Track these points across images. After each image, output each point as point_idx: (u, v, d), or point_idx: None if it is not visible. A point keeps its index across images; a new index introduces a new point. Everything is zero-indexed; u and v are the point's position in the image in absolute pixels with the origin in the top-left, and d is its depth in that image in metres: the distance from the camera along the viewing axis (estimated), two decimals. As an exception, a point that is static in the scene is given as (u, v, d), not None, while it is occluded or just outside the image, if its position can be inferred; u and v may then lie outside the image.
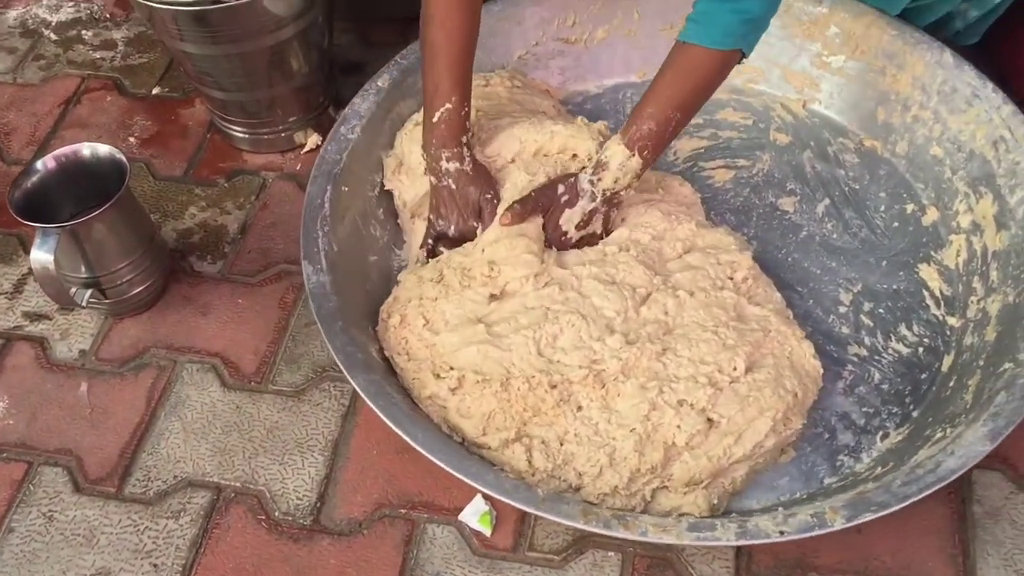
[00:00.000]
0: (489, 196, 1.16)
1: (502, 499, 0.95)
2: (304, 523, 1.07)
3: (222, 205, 1.38)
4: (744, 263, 1.16)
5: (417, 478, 1.09)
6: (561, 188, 1.15)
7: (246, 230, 1.34)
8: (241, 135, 1.43)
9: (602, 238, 1.19)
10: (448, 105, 1.14)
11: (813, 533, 0.91)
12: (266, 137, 1.43)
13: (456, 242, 1.18)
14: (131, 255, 1.18)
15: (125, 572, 1.04)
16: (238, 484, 1.10)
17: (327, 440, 1.13)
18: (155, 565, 1.04)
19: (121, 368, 1.20)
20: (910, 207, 1.30)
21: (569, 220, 1.15)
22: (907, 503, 0.91)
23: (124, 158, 1.15)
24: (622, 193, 1.14)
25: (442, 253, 1.18)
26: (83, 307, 1.17)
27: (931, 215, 1.29)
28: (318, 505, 1.08)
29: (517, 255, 1.12)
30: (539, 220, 1.16)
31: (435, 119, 1.14)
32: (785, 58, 1.42)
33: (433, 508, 1.07)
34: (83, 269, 1.16)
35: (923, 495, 0.92)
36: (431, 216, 1.20)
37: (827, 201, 1.32)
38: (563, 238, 1.16)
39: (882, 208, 1.31)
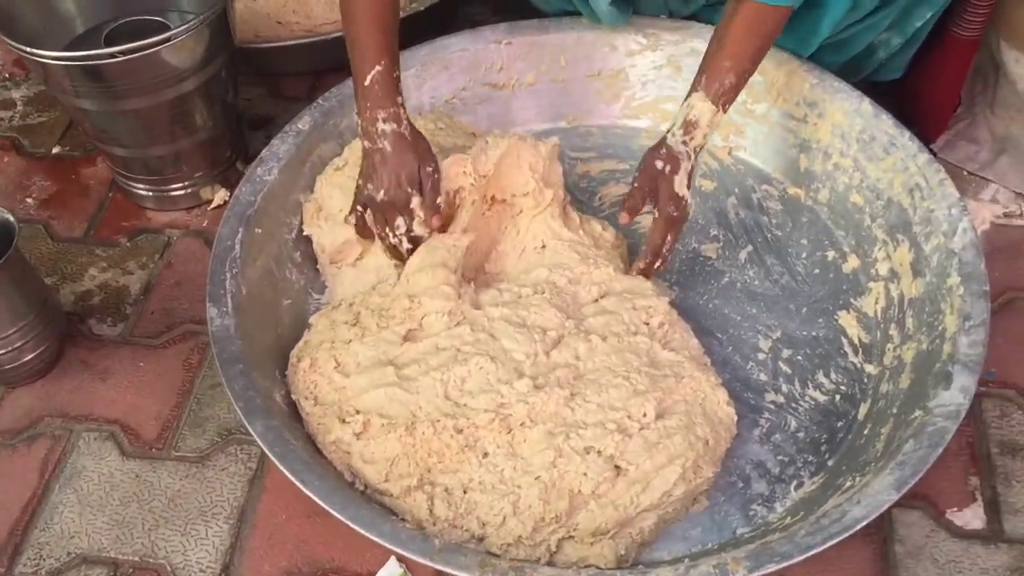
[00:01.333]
0: (430, 169, 1.13)
1: (396, 550, 0.91)
2: (209, 598, 1.01)
3: (124, 265, 1.34)
4: (661, 308, 1.15)
5: (328, 543, 1.05)
6: (659, 162, 1.15)
7: (149, 290, 1.30)
8: (144, 192, 1.39)
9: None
10: (378, 67, 1.11)
11: (715, 585, 0.88)
12: (170, 194, 1.39)
13: (386, 209, 1.14)
14: (22, 320, 1.13)
15: (13, 660, 0.97)
16: (136, 558, 1.05)
17: (233, 507, 1.08)
18: (47, 652, 0.98)
19: (12, 440, 1.15)
20: (831, 254, 1.30)
21: (681, 184, 1.15)
22: (810, 553, 0.89)
23: (12, 219, 1.10)
24: (706, 144, 1.18)
25: (369, 221, 1.16)
26: None
27: (851, 262, 1.28)
28: (223, 577, 1.03)
29: (436, 286, 1.11)
30: (458, 252, 1.14)
31: (367, 82, 1.11)
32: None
33: (345, 574, 1.03)
34: (-31, 335, 1.10)
35: (827, 545, 0.90)
36: (359, 181, 1.16)
37: (750, 247, 1.31)
38: (683, 203, 1.15)
39: (804, 255, 1.30)
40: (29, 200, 1.43)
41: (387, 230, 1.15)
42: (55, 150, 1.51)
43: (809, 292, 1.26)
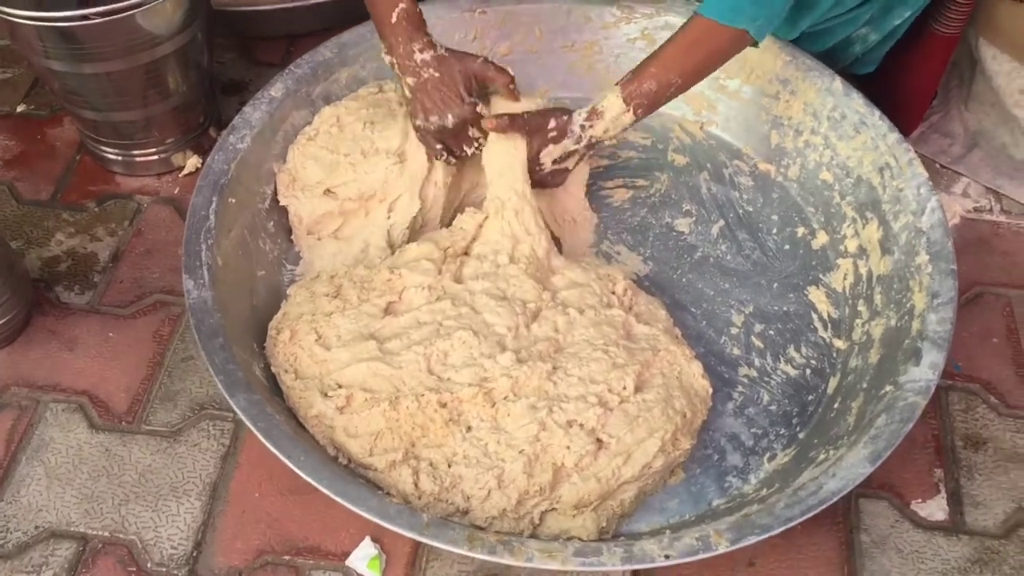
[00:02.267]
0: (477, 63, 1.15)
1: (385, 525, 0.91)
2: (178, 574, 1.01)
3: (92, 231, 1.30)
4: (619, 276, 1.17)
5: (303, 521, 1.04)
6: (552, 122, 1.16)
7: (118, 258, 1.27)
8: (114, 157, 1.36)
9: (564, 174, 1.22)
10: (402, 5, 1.12)
11: (698, 557, 0.90)
12: (141, 159, 1.36)
13: (459, 130, 1.15)
14: (-16, 289, 1.10)
15: (-22, 635, 0.96)
16: (106, 534, 1.03)
17: (205, 483, 1.07)
18: (13, 626, 0.96)
19: (-23, 411, 1.12)
20: (801, 230, 1.31)
21: (549, 155, 1.17)
22: (789, 525, 0.91)
23: (-27, 185, 1.07)
24: (605, 143, 1.19)
25: (452, 156, 1.18)
26: None
27: (821, 239, 1.30)
28: (194, 554, 1.02)
29: (418, 260, 1.12)
30: (446, 232, 1.16)
31: (393, 20, 1.12)
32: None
33: (319, 553, 1.02)
34: (-68, 303, 1.07)
35: (805, 517, 0.92)
36: (418, 122, 1.16)
37: (722, 223, 1.32)
38: (537, 167, 1.18)
39: (774, 231, 1.32)
40: (-8, 160, 1.39)
41: (464, 147, 1.18)
42: (20, 108, 1.47)
43: (780, 267, 1.28)
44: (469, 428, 1.01)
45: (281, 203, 1.24)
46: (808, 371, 1.17)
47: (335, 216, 1.22)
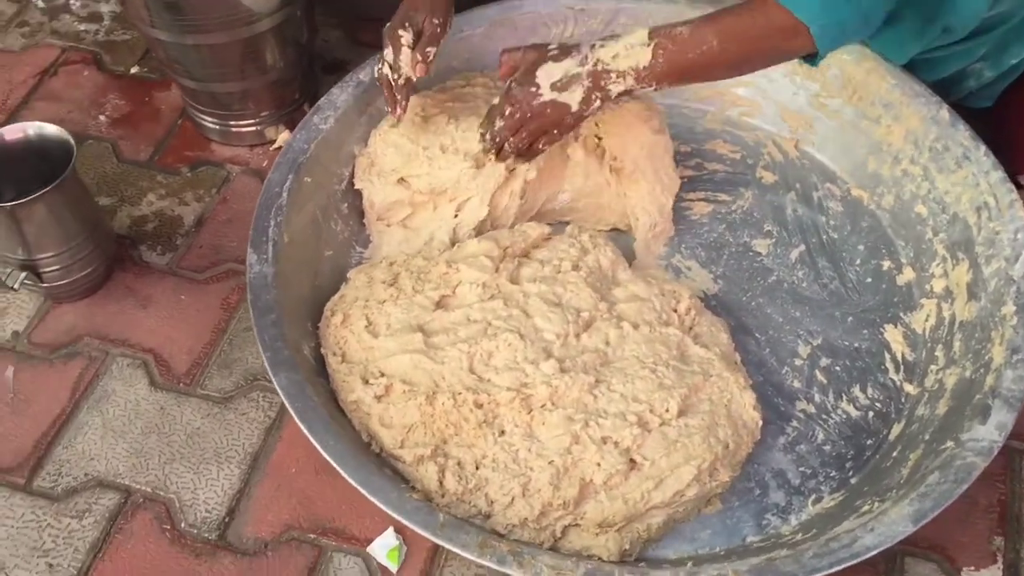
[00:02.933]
0: (436, 21, 1.15)
1: (401, 519, 0.92)
2: (209, 537, 1.04)
3: (182, 195, 1.35)
4: (684, 294, 1.14)
5: (332, 503, 1.06)
6: (554, 45, 1.07)
7: (201, 223, 1.32)
8: (211, 125, 1.40)
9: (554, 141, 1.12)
10: None
11: (711, 595, 0.87)
12: (236, 130, 1.40)
13: (386, 35, 1.16)
14: (71, 241, 1.15)
15: (19, 569, 1.01)
16: (148, 489, 1.07)
17: (247, 452, 1.10)
18: (51, 565, 1.01)
19: (51, 355, 1.18)
20: (887, 264, 1.25)
21: (548, 74, 1.04)
22: (813, 576, 0.87)
23: (72, 141, 1.12)
24: (613, 78, 1.02)
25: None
26: (15, 289, 1.14)
27: (907, 275, 1.23)
28: (226, 520, 1.05)
29: (476, 255, 1.11)
30: (507, 232, 1.16)
31: None
32: (784, 95, 1.37)
33: (343, 536, 1.04)
34: (20, 251, 1.13)
35: (832, 570, 0.88)
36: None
37: (803, 247, 1.27)
38: (533, 90, 1.05)
39: (858, 261, 1.26)
40: (102, 117, 1.45)
41: (379, 60, 1.17)
42: (133, 70, 1.53)
43: (858, 301, 1.22)
44: (502, 432, 1.01)
45: (356, 186, 1.25)
46: (871, 414, 1.12)
47: (405, 205, 1.22)
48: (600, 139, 1.23)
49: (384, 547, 1.02)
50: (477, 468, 0.99)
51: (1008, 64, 1.27)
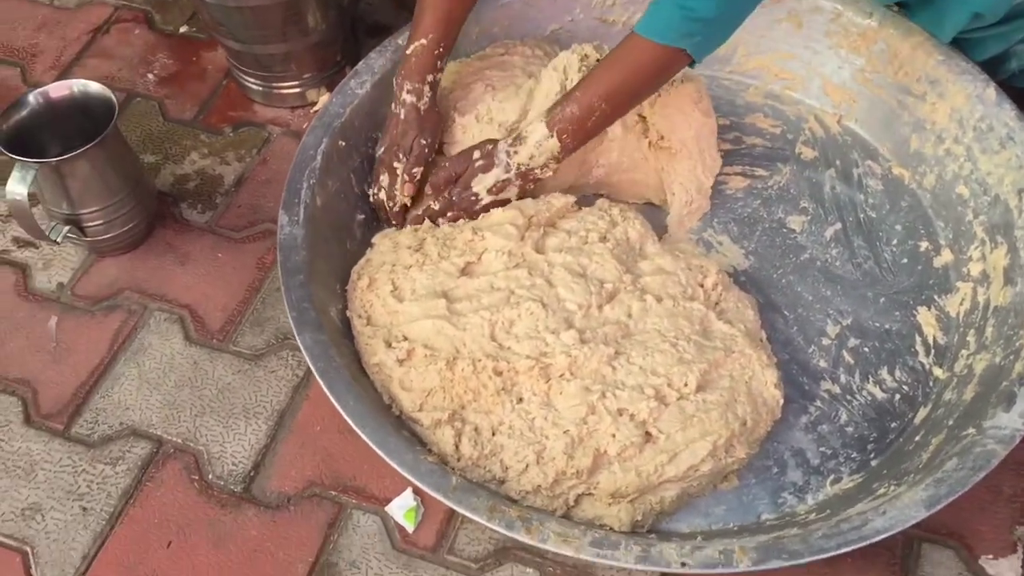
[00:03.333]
0: (424, 142, 1.18)
1: (414, 481, 0.93)
2: (235, 489, 1.07)
3: (223, 155, 1.38)
4: (712, 268, 1.13)
5: (354, 462, 1.08)
6: (477, 154, 1.16)
7: (241, 183, 1.34)
8: (254, 86, 1.42)
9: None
10: (423, 41, 1.17)
11: (717, 571, 0.88)
12: (278, 91, 1.42)
13: (379, 164, 1.20)
14: (114, 196, 1.18)
15: (55, 511, 1.06)
16: (179, 440, 1.11)
17: (274, 409, 1.13)
18: (84, 508, 1.06)
19: (93, 307, 1.22)
20: (924, 245, 1.23)
21: (481, 183, 1.15)
22: (820, 557, 0.87)
23: (114, 98, 1.15)
24: (538, 172, 1.13)
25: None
26: (57, 243, 1.18)
27: (944, 257, 1.21)
28: (252, 474, 1.08)
29: (502, 224, 1.12)
30: (532, 201, 1.16)
31: (409, 52, 1.18)
32: (828, 68, 1.35)
33: (363, 495, 1.06)
34: (64, 205, 1.17)
35: (840, 551, 0.87)
36: (381, 134, 1.22)
37: (839, 225, 1.25)
38: (473, 198, 1.16)
39: (895, 241, 1.24)
40: (150, 76, 1.48)
41: (375, 184, 1.21)
42: (182, 29, 1.55)
43: (892, 282, 1.20)
44: (520, 400, 1.02)
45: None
46: (898, 396, 1.10)
47: None
48: (643, 117, 1.22)
49: (402, 507, 1.05)
50: (493, 434, 1.00)
51: None
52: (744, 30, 1.37)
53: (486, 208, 1.16)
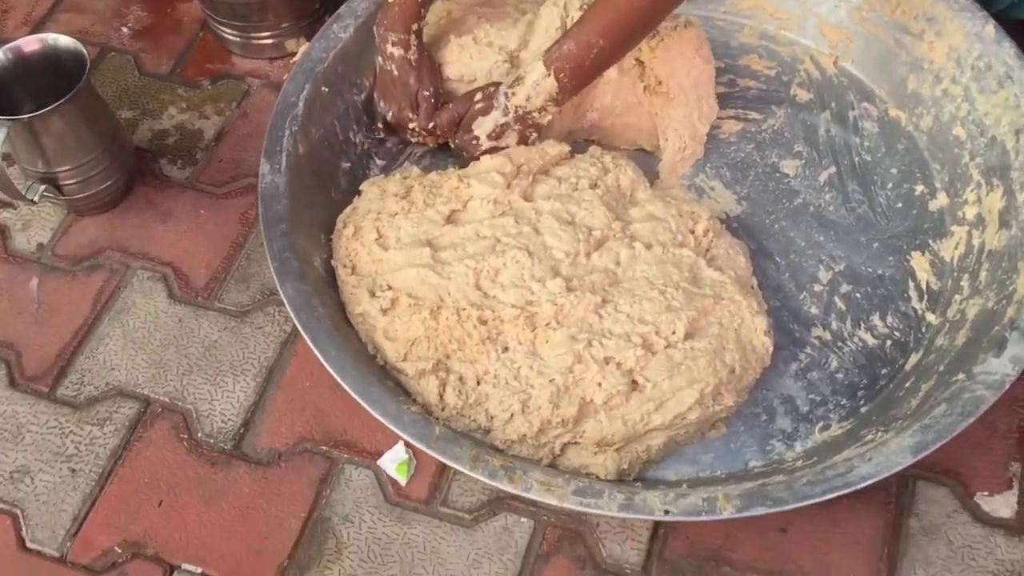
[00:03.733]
0: (427, 93, 1.17)
1: (397, 431, 0.93)
2: (225, 447, 1.06)
3: (202, 109, 1.35)
4: (703, 214, 1.11)
5: (345, 417, 1.07)
6: (479, 95, 1.15)
7: (221, 137, 1.31)
8: (231, 37, 1.38)
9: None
10: None
11: (700, 518, 0.87)
12: (256, 42, 1.38)
13: (391, 129, 1.22)
14: (90, 153, 1.16)
15: (44, 473, 1.05)
16: (167, 399, 1.09)
17: (262, 366, 1.12)
18: (73, 470, 1.05)
19: (74, 267, 1.20)
20: (920, 188, 1.20)
21: (481, 126, 1.15)
22: (805, 503, 0.87)
23: (85, 51, 1.12)
24: (536, 115, 1.13)
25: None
26: (35, 202, 1.16)
27: (940, 200, 1.19)
28: (241, 431, 1.07)
29: (488, 171, 1.11)
30: (524, 148, 1.15)
31: (391, 0, 1.15)
32: (824, 8, 1.31)
33: (355, 449, 1.06)
34: (40, 164, 1.14)
35: (825, 498, 0.87)
36: (375, 95, 1.21)
37: (833, 169, 1.23)
38: (473, 142, 1.16)
39: (890, 185, 1.21)
40: (124, 29, 1.45)
41: (409, 138, 1.22)
42: (156, -21, 1.52)
43: (886, 226, 1.18)
44: (506, 349, 1.01)
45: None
46: (889, 343, 1.09)
47: None
48: (639, 61, 1.19)
49: (394, 460, 1.04)
50: (478, 384, 1.00)
51: None
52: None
53: (488, 153, 1.15)
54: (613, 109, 1.22)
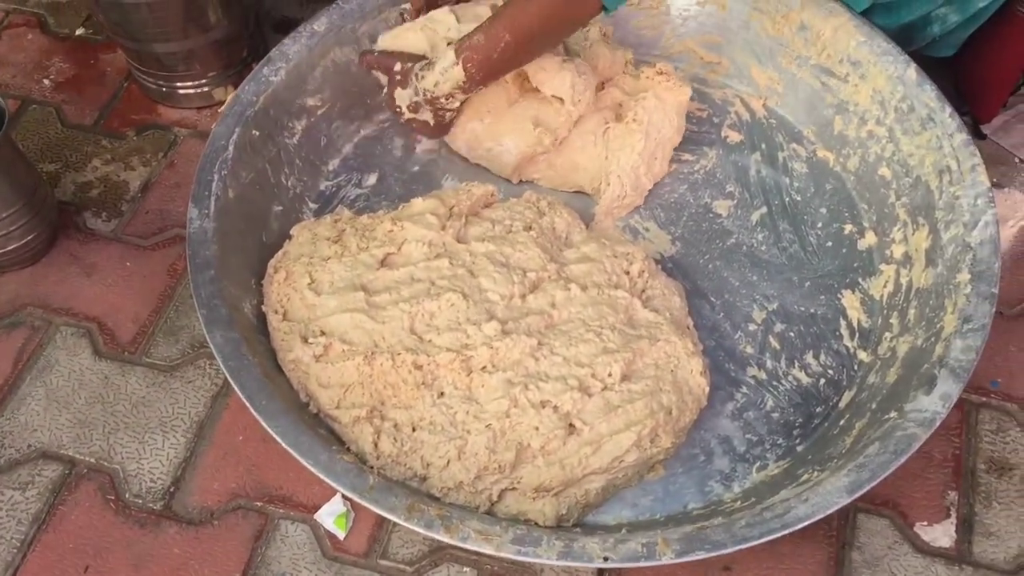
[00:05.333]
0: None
1: (330, 482, 0.90)
2: (154, 507, 1.03)
3: (127, 160, 1.32)
4: (638, 255, 1.11)
5: (279, 470, 1.05)
6: (398, 66, 1.18)
7: (148, 188, 1.29)
8: (157, 87, 1.37)
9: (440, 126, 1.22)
10: None
11: (640, 564, 0.86)
12: (183, 92, 1.36)
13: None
14: (9, 208, 1.12)
15: (-38, 543, 1.00)
16: (92, 460, 1.06)
17: (192, 420, 1.08)
18: (-7, 539, 1.01)
19: (-7, 325, 1.16)
20: (848, 228, 1.23)
21: (400, 98, 1.19)
22: (743, 547, 0.86)
23: (3, 104, 1.09)
24: (443, 101, 1.15)
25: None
26: None
27: (868, 240, 1.21)
28: (172, 490, 1.04)
29: (422, 213, 1.10)
30: (452, 191, 1.16)
31: None
32: (752, 52, 1.34)
33: (290, 504, 1.03)
34: (-45, 219, 1.11)
35: (763, 540, 0.87)
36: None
37: (764, 209, 1.25)
38: (397, 111, 1.20)
39: (820, 225, 1.23)
40: (46, 81, 1.42)
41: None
42: (78, 32, 1.49)
43: (816, 265, 1.20)
44: (441, 394, 0.99)
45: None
46: (823, 381, 1.10)
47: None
48: (619, 100, 1.22)
49: (332, 514, 1.01)
50: (413, 430, 0.98)
51: (975, 8, 1.22)
52: (668, 13, 1.37)
53: (410, 125, 1.21)
54: (571, 143, 1.22)
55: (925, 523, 1.03)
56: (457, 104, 1.16)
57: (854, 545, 1.01)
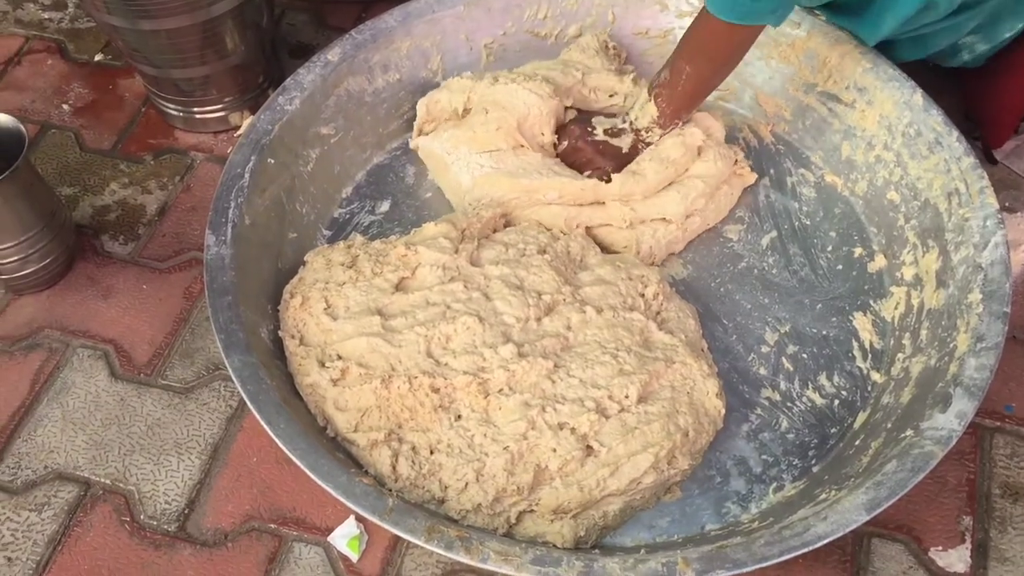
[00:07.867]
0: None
1: (349, 504, 0.90)
2: (168, 529, 1.03)
3: (145, 184, 1.34)
4: (653, 278, 1.12)
5: (293, 492, 1.05)
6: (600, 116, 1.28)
7: (165, 212, 1.30)
8: (174, 112, 1.38)
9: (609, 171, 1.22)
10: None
11: (660, 583, 0.86)
12: (200, 116, 1.38)
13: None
14: (28, 231, 1.13)
15: (-22, 564, 1.00)
16: (108, 481, 1.06)
17: (207, 443, 1.09)
18: (9, 559, 1.00)
19: (12, 347, 1.17)
20: (858, 251, 1.23)
21: (600, 122, 1.25)
22: (764, 565, 0.86)
23: (23, 129, 1.10)
24: (644, 133, 1.21)
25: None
26: None
27: (878, 262, 1.22)
28: (186, 511, 1.04)
29: (435, 237, 1.11)
30: (462, 215, 1.17)
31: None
32: (759, 79, 1.36)
33: (304, 526, 1.03)
34: (-25, 242, 1.12)
35: (783, 558, 0.87)
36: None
37: (774, 233, 1.26)
38: (590, 129, 1.24)
39: (829, 248, 1.24)
40: (65, 106, 1.44)
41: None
42: (97, 58, 1.51)
43: (828, 288, 1.20)
44: (459, 417, 1.00)
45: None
46: (837, 402, 1.10)
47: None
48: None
49: (345, 536, 1.01)
50: (431, 453, 0.98)
51: (1002, 37, 1.24)
52: (675, 41, 1.39)
53: (597, 146, 1.23)
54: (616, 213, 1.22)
55: (940, 548, 1.03)
56: (656, 138, 1.21)
57: (868, 570, 1.01)
